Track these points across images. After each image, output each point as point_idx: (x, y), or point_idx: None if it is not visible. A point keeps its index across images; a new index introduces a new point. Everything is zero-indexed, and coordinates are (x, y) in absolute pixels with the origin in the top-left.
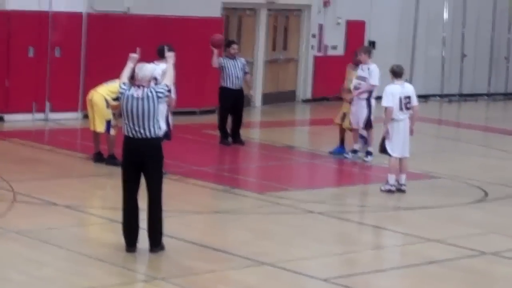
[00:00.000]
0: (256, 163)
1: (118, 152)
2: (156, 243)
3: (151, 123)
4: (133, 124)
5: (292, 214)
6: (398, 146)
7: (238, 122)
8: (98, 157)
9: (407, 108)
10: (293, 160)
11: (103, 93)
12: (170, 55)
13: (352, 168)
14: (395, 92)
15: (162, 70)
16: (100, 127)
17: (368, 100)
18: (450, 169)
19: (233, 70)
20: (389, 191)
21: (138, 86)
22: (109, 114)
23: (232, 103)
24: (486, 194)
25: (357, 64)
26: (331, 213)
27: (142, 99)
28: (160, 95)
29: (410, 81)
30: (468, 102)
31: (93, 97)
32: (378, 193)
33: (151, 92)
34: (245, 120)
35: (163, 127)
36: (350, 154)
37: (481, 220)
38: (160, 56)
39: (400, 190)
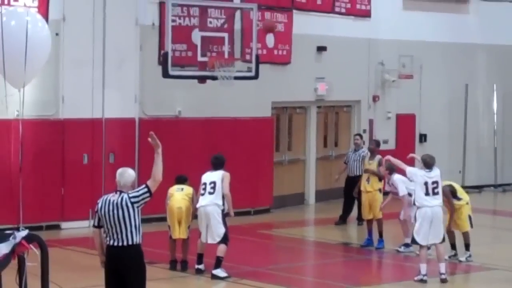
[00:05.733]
0: (311, 261)
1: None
2: None
3: (129, 230)
4: (111, 232)
5: None
6: (424, 233)
7: (346, 206)
8: (174, 265)
9: (435, 193)
10: (349, 257)
11: (185, 199)
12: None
13: (405, 262)
14: (419, 177)
15: (223, 175)
16: (186, 234)
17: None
18: (507, 260)
19: (350, 161)
20: (421, 280)
21: (116, 192)
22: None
23: (347, 188)
24: None
25: (372, 152)
26: None
27: (117, 205)
28: (134, 200)
29: (463, 172)
30: None
31: (184, 205)
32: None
33: (126, 198)
34: (299, 218)
35: (222, 229)
36: (402, 248)
37: None
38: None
39: (442, 280)
